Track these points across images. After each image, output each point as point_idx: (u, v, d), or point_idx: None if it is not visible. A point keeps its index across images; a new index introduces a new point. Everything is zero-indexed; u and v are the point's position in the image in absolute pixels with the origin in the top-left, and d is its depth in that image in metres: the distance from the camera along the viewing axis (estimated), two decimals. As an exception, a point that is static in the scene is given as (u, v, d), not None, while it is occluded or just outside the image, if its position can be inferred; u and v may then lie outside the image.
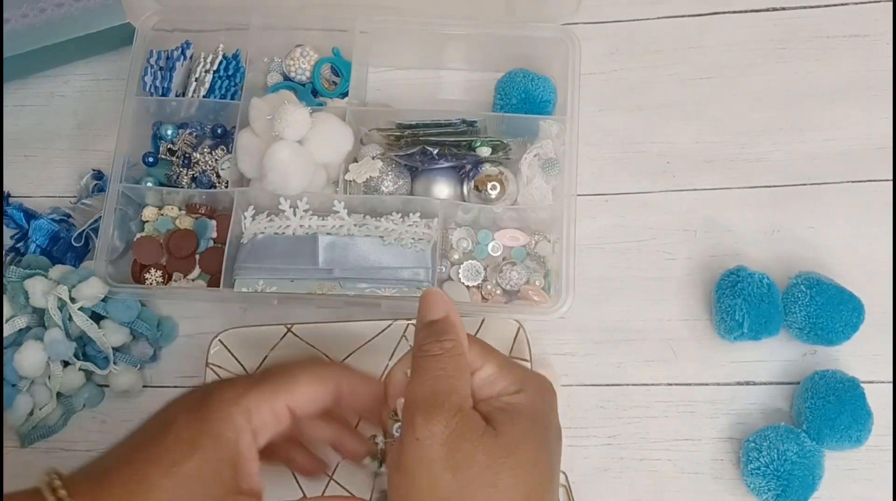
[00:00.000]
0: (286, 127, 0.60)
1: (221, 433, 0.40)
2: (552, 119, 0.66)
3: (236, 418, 0.41)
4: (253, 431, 0.42)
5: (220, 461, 0.40)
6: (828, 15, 0.74)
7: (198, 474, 0.39)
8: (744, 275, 0.62)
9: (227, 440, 0.40)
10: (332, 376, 0.46)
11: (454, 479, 0.37)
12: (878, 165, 0.69)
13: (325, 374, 0.45)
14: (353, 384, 0.46)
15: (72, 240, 0.68)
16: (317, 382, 0.45)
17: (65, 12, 0.72)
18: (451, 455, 0.37)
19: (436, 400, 0.38)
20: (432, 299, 0.42)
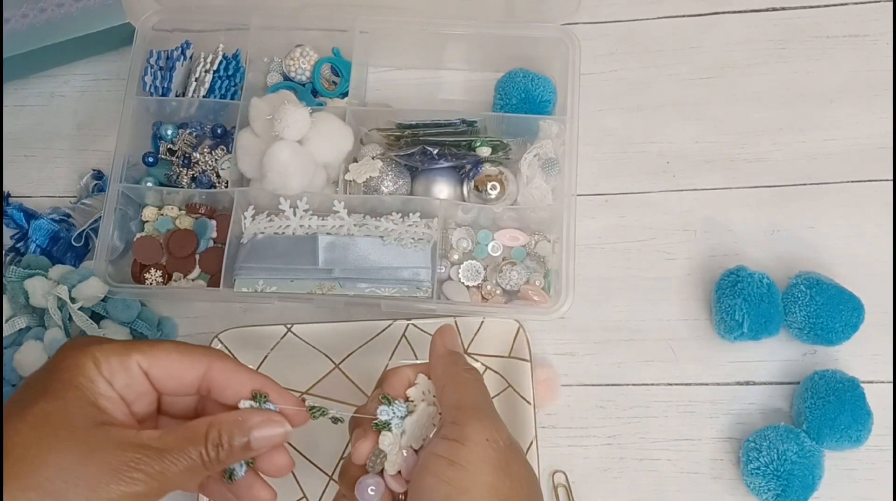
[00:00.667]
0: (286, 127, 0.60)
1: (72, 378, 0.39)
2: (552, 119, 0.66)
3: (84, 364, 0.40)
4: (106, 380, 0.40)
5: (75, 400, 0.39)
6: (828, 15, 0.74)
7: (51, 413, 0.38)
8: (744, 275, 0.62)
9: (79, 383, 0.39)
10: (202, 356, 0.43)
11: (511, 485, 0.40)
12: (878, 165, 0.69)
13: (192, 351, 0.43)
14: (229, 372, 0.43)
15: (72, 240, 0.68)
16: (179, 355, 0.43)
17: (65, 12, 0.72)
18: (508, 462, 0.41)
19: (493, 411, 0.44)
20: (454, 333, 0.48)
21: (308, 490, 0.61)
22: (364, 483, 0.44)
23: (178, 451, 0.39)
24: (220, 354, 0.44)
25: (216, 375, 0.43)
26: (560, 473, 0.62)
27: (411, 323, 0.63)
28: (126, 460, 0.38)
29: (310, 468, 0.62)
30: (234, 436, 0.41)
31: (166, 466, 0.39)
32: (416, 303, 0.62)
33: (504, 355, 0.63)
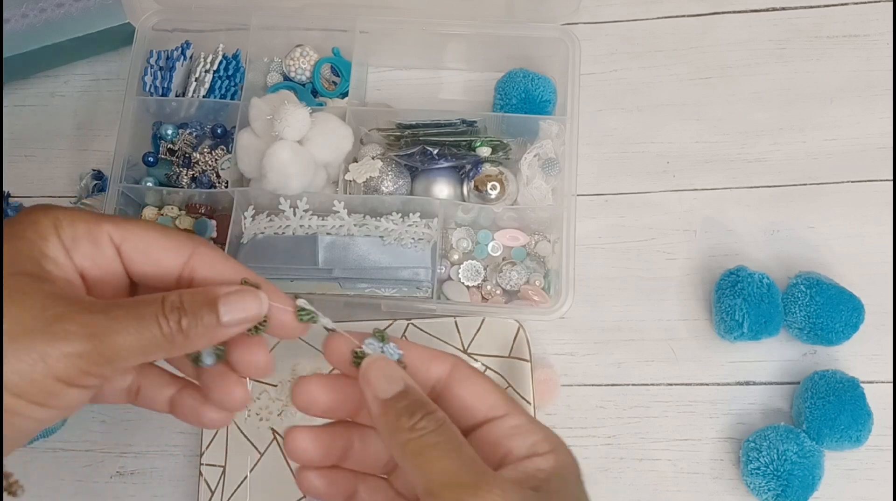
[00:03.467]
0: (286, 127, 0.60)
1: (20, 231, 0.34)
2: (552, 119, 0.66)
3: (40, 221, 0.34)
4: (63, 245, 0.34)
5: (13, 250, 0.33)
6: (828, 15, 0.74)
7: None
8: (744, 275, 0.62)
9: (25, 236, 0.33)
10: (185, 239, 0.36)
11: None
12: (878, 165, 0.69)
13: (174, 234, 0.37)
14: (215, 261, 0.36)
15: (72, 240, 0.68)
16: (158, 234, 0.36)
17: (65, 12, 0.72)
18: None
19: (475, 473, 0.32)
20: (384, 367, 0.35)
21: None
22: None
23: (129, 309, 0.33)
24: (205, 241, 0.37)
25: (200, 263, 0.36)
26: None
27: (411, 323, 0.63)
28: (59, 311, 0.31)
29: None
30: (199, 303, 0.34)
31: (112, 324, 0.32)
32: (416, 303, 0.62)
33: (504, 355, 0.63)
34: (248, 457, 0.62)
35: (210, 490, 0.61)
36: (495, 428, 0.35)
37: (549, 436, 0.35)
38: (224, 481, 0.62)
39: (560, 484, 0.33)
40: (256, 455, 0.63)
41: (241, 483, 0.62)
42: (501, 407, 0.36)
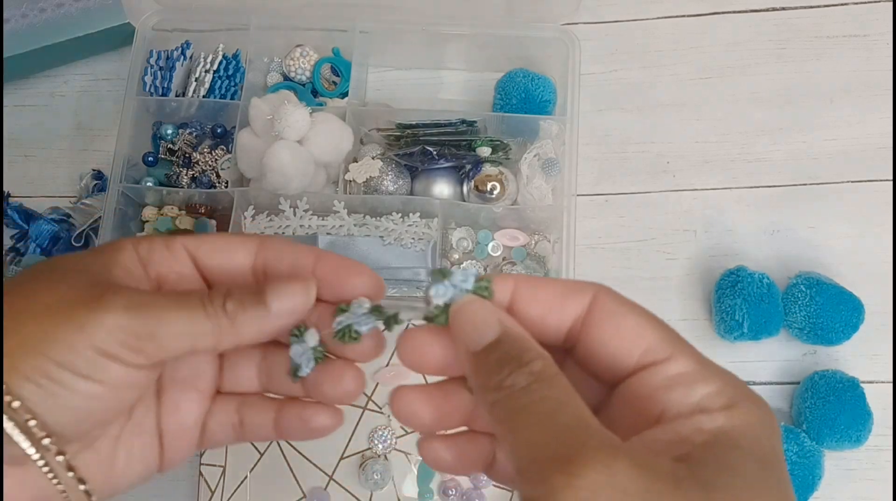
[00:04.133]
0: (286, 127, 0.60)
1: (101, 250, 0.34)
2: (552, 119, 0.66)
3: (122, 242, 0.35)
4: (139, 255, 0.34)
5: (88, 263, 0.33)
6: (828, 15, 0.74)
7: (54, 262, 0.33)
8: (744, 275, 0.62)
9: (103, 252, 0.34)
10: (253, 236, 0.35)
11: None
12: (878, 165, 0.69)
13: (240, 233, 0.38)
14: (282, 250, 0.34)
15: (72, 240, 0.68)
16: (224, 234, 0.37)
17: (65, 12, 0.72)
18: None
19: (571, 444, 0.24)
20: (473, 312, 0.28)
21: (308, 490, 0.61)
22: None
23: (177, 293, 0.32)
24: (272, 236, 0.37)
25: (270, 256, 0.34)
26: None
27: (411, 323, 0.63)
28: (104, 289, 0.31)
29: (311, 468, 0.62)
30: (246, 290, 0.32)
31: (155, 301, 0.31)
32: (417, 303, 0.62)
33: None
34: (248, 457, 0.62)
35: (210, 490, 0.61)
36: (651, 377, 0.27)
37: (728, 387, 0.26)
38: (224, 481, 0.62)
39: (726, 453, 0.24)
40: (256, 455, 0.63)
41: (241, 483, 0.62)
42: (662, 349, 0.28)
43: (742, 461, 0.25)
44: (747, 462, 0.25)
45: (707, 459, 0.24)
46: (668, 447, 0.25)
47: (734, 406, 0.26)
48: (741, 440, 0.25)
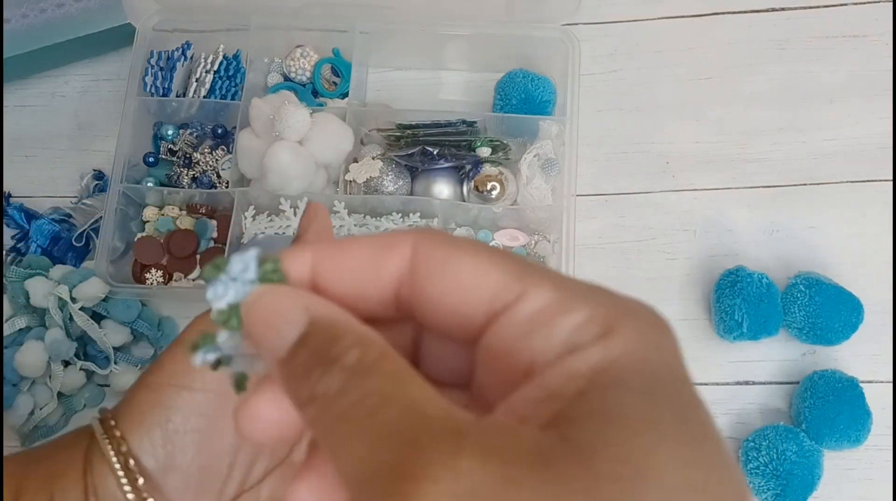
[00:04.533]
0: (286, 127, 0.61)
1: None
2: (552, 119, 0.66)
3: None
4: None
5: None
6: (828, 15, 0.74)
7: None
8: (743, 275, 0.62)
9: None
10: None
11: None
12: (878, 165, 0.69)
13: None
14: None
15: (72, 240, 0.68)
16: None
17: (65, 12, 0.72)
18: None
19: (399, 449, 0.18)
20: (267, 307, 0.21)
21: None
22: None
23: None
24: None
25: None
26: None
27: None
28: None
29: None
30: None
31: None
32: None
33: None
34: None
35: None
36: (507, 326, 0.20)
37: (601, 309, 0.20)
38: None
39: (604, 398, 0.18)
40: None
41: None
42: (511, 288, 0.20)
43: (627, 402, 0.18)
44: (634, 401, 0.18)
45: (581, 413, 0.18)
46: (537, 409, 0.19)
47: (611, 332, 0.19)
48: (624, 374, 0.19)
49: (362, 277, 0.22)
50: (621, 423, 0.18)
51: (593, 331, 0.20)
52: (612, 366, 0.19)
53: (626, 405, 0.18)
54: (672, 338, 0.21)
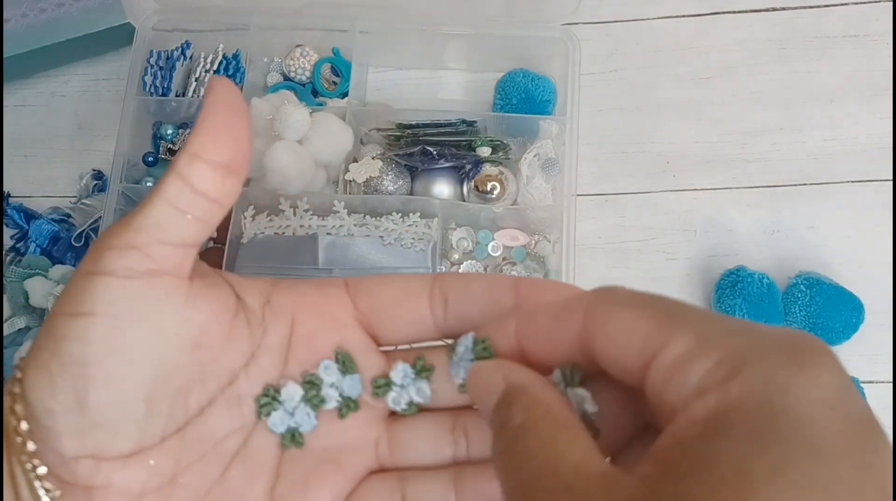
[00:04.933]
0: (286, 127, 0.60)
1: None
2: (552, 119, 0.66)
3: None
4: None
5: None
6: (828, 15, 0.74)
7: None
8: (744, 275, 0.62)
9: None
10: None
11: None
12: (878, 165, 0.69)
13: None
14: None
15: (72, 240, 0.68)
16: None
17: (65, 12, 0.72)
18: None
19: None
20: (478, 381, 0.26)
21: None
22: None
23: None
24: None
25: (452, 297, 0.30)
26: None
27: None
28: None
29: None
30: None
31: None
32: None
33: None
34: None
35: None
36: (654, 373, 0.22)
37: (735, 350, 0.20)
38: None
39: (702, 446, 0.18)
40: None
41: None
42: (658, 336, 0.22)
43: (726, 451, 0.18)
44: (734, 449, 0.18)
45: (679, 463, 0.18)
46: (664, 455, 0.20)
47: (735, 375, 0.19)
48: (737, 419, 0.18)
49: (552, 337, 0.26)
50: (711, 475, 0.18)
51: (720, 375, 0.20)
52: (727, 411, 0.19)
53: (725, 453, 0.18)
54: (819, 374, 0.19)
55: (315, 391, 0.29)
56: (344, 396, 0.30)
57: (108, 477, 0.26)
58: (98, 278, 0.26)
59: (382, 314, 0.30)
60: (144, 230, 0.27)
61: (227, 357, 0.29)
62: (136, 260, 0.26)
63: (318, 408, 0.30)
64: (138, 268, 0.26)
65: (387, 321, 0.30)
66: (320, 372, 0.30)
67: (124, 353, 0.26)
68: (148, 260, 0.27)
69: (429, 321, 0.30)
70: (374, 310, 0.30)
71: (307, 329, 0.30)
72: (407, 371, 0.30)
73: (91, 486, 0.26)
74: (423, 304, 0.30)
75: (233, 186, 0.28)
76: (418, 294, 0.30)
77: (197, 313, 0.28)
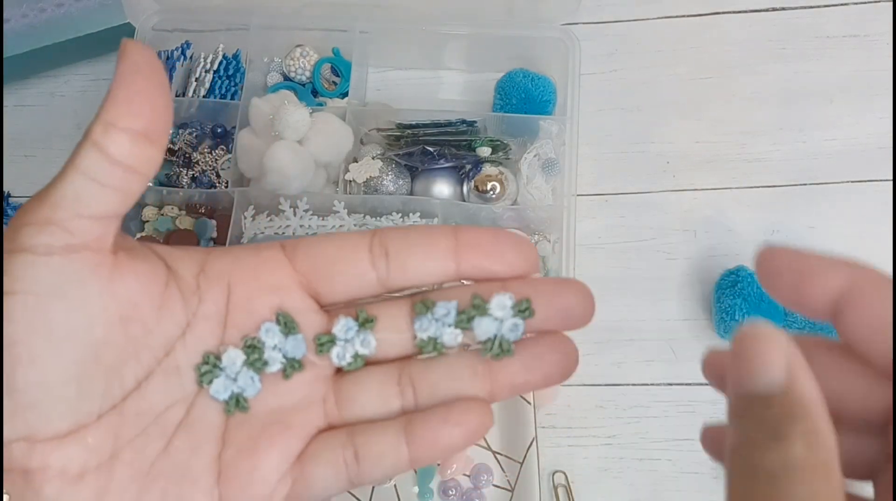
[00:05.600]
0: (286, 127, 0.61)
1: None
2: (552, 119, 0.66)
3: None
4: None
5: None
6: (828, 15, 0.74)
7: None
8: (744, 275, 0.62)
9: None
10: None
11: None
12: (878, 165, 0.69)
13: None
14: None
15: (72, 240, 0.68)
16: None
17: (65, 12, 0.72)
18: None
19: None
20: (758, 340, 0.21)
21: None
22: None
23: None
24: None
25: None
26: (560, 473, 0.62)
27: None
28: None
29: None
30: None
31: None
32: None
33: (504, 355, 0.63)
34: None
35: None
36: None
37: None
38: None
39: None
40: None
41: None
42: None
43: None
44: None
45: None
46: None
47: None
48: None
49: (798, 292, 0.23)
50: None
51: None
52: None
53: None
54: None
55: (257, 354, 0.29)
56: (288, 357, 0.30)
57: (44, 459, 0.26)
58: (17, 256, 0.25)
59: (322, 272, 0.30)
60: (61, 205, 0.26)
61: (162, 329, 0.28)
62: (55, 235, 0.26)
63: (262, 371, 0.30)
64: (57, 244, 0.26)
65: (328, 279, 0.30)
66: (261, 335, 0.29)
67: (49, 331, 0.26)
68: (67, 235, 0.26)
69: (371, 275, 0.30)
70: (313, 269, 0.30)
71: (244, 294, 0.30)
72: (350, 324, 0.30)
73: (27, 469, 0.25)
74: (364, 257, 0.30)
75: (152, 154, 0.27)
76: (358, 249, 0.30)
77: (123, 286, 0.27)
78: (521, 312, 0.29)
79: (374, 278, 0.30)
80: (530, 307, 0.29)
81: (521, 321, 0.29)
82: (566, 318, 0.29)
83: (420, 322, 0.30)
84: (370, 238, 0.30)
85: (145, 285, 0.28)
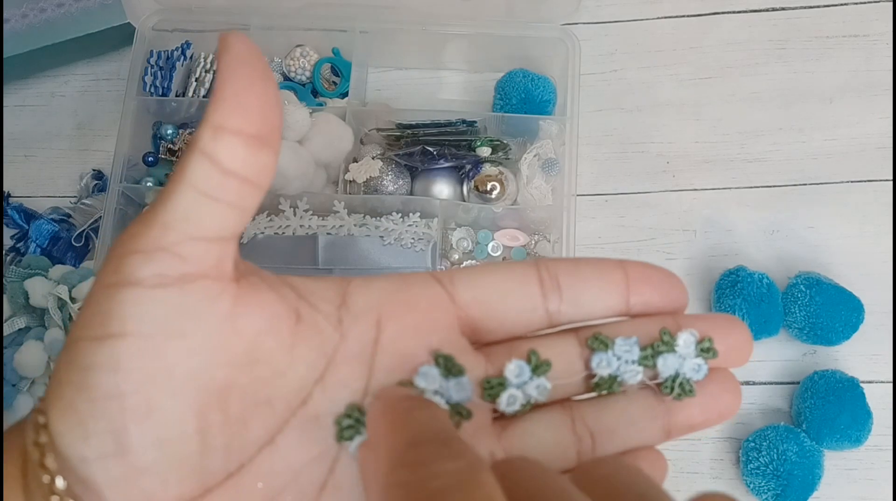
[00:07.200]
0: (286, 127, 0.60)
1: None
2: (552, 119, 0.66)
3: None
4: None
5: None
6: (828, 15, 0.74)
7: None
8: (743, 275, 0.62)
9: None
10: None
11: None
12: (878, 165, 0.69)
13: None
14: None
15: (72, 240, 0.68)
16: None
17: (65, 12, 0.72)
18: None
19: None
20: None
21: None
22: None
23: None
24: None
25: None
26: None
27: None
28: None
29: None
30: None
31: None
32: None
33: (504, 355, 0.63)
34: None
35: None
36: None
37: None
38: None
39: None
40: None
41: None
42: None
43: None
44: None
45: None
46: None
47: None
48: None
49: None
50: None
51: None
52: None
53: None
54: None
55: None
56: (451, 403, 0.25)
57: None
58: (124, 291, 0.21)
59: (489, 307, 0.26)
60: (172, 226, 0.22)
61: (295, 372, 0.24)
62: (167, 264, 0.22)
63: None
64: (170, 273, 0.22)
65: (495, 314, 0.26)
66: (418, 381, 0.25)
67: (166, 379, 0.21)
68: (180, 262, 0.22)
69: (540, 310, 0.27)
70: (478, 303, 0.26)
71: (396, 332, 0.25)
72: (523, 368, 0.26)
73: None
74: (535, 291, 0.26)
75: (267, 161, 0.23)
76: (527, 281, 0.26)
77: (248, 321, 0.23)
78: (704, 351, 0.27)
79: (544, 313, 0.27)
80: (713, 347, 0.27)
81: (703, 362, 0.27)
82: (735, 358, 0.28)
83: (598, 359, 0.27)
84: (537, 269, 0.27)
85: (274, 319, 0.24)
